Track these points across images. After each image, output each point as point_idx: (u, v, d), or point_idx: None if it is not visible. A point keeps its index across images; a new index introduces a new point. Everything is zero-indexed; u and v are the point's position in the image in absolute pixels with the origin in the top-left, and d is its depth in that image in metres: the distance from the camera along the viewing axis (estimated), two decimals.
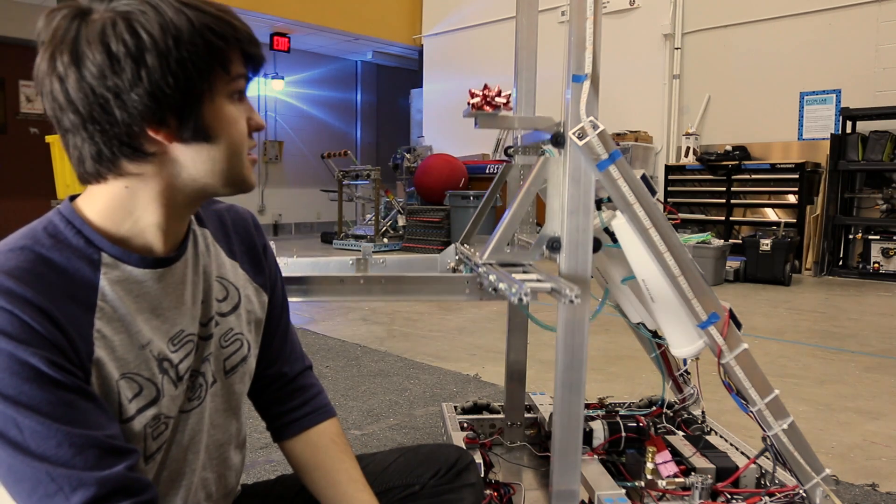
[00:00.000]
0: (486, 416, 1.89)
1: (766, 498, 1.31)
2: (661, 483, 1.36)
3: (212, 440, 0.91)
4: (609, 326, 3.85)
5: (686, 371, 1.77)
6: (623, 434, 1.57)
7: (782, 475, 1.38)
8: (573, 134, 1.15)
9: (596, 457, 1.51)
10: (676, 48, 7.78)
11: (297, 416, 1.04)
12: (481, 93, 1.29)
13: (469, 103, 1.30)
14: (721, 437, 1.65)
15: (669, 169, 7.61)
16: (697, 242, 5.79)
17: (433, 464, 1.07)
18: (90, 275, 0.76)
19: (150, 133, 0.74)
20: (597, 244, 1.22)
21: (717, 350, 1.22)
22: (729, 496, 1.36)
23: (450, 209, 8.03)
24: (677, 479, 1.36)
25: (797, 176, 6.66)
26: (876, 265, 6.32)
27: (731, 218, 7.18)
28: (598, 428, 1.58)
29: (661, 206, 1.22)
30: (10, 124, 8.55)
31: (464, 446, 1.48)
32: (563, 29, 7.54)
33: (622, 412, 1.78)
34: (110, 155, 0.75)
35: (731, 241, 6.61)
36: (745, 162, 7.05)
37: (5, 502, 0.76)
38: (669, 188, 7.54)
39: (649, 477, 1.40)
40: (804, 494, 1.27)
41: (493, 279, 1.19)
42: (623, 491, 1.33)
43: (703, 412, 1.75)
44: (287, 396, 1.05)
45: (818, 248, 6.58)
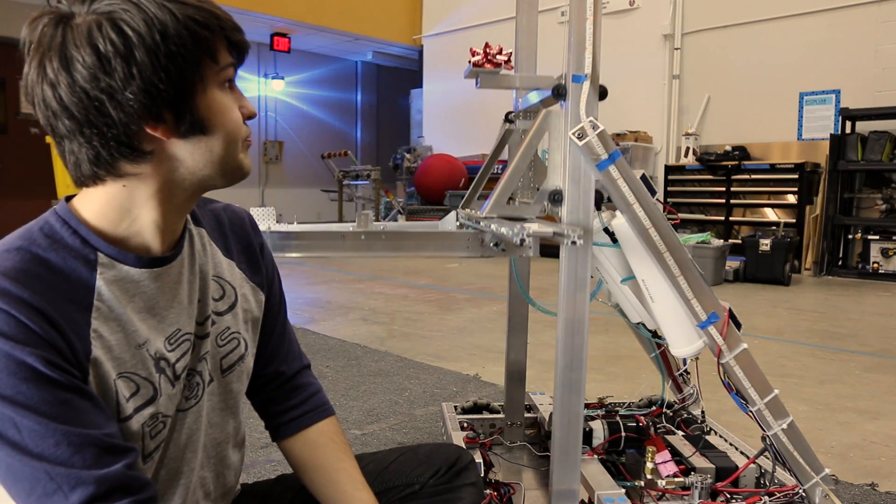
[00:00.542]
0: (486, 415, 1.89)
1: (766, 497, 1.31)
2: (661, 483, 1.36)
3: (209, 439, 0.92)
4: (609, 326, 3.85)
5: (686, 371, 1.77)
6: (623, 434, 1.57)
7: (782, 475, 1.38)
8: (573, 134, 1.15)
9: (596, 456, 1.52)
10: (676, 48, 7.78)
11: (295, 415, 1.04)
12: (482, 51, 1.28)
13: (470, 62, 1.29)
14: (721, 436, 1.65)
15: (669, 169, 7.61)
16: (697, 242, 5.79)
17: (433, 463, 1.07)
18: (86, 275, 0.76)
19: (148, 130, 0.74)
20: (598, 197, 1.22)
21: (717, 350, 1.22)
22: (728, 496, 1.36)
23: (450, 209, 8.00)
24: (677, 479, 1.36)
25: (797, 176, 6.66)
26: (875, 265, 6.33)
27: (730, 218, 7.18)
28: (598, 428, 1.58)
29: (660, 206, 1.22)
30: (11, 124, 8.55)
31: (464, 446, 1.48)
32: (563, 29, 7.52)
33: (622, 412, 1.78)
34: (108, 157, 0.75)
35: (730, 241, 6.61)
36: (745, 162, 7.05)
37: (5, 502, 0.76)
38: (669, 188, 7.54)
39: (649, 477, 1.41)
40: (804, 494, 1.27)
41: (494, 228, 1.20)
42: (623, 491, 1.33)
43: (702, 412, 1.75)
44: (285, 395, 1.05)
45: (818, 248, 6.59)
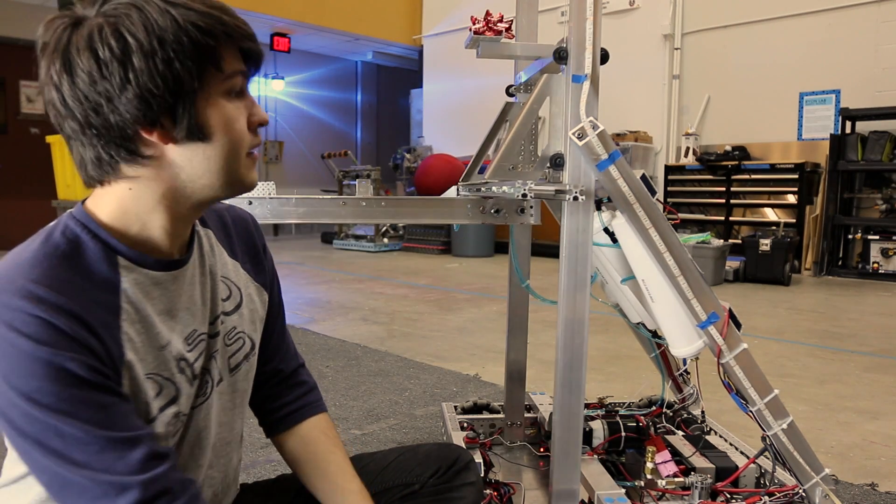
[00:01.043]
0: (486, 415, 1.89)
1: (766, 497, 1.31)
2: (661, 483, 1.36)
3: (218, 439, 0.92)
4: (609, 326, 3.85)
5: (686, 371, 1.77)
6: (623, 434, 1.57)
7: (782, 475, 1.38)
8: (573, 134, 1.15)
9: (596, 456, 1.52)
10: (676, 48, 7.78)
11: (290, 411, 1.05)
12: (483, 19, 1.27)
13: (470, 30, 1.28)
14: (721, 436, 1.65)
15: (669, 169, 7.61)
16: (697, 242, 5.79)
17: (433, 463, 1.07)
18: (112, 278, 0.76)
19: (144, 135, 0.75)
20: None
21: (717, 350, 1.22)
22: (728, 496, 1.36)
23: None
24: (677, 479, 1.36)
25: (797, 176, 6.66)
26: (875, 265, 6.32)
27: (730, 218, 7.18)
28: (598, 428, 1.58)
29: (660, 206, 1.22)
30: (11, 124, 8.54)
31: (464, 446, 1.48)
32: (563, 29, 7.52)
33: (622, 412, 1.78)
34: (109, 159, 0.76)
35: (730, 241, 6.61)
36: (745, 162, 7.05)
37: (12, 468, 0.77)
38: (669, 188, 7.54)
39: (649, 477, 1.41)
40: (804, 494, 1.27)
41: (494, 189, 1.20)
42: (623, 491, 1.33)
43: (702, 412, 1.75)
44: (282, 392, 1.06)
45: (818, 248, 6.59)
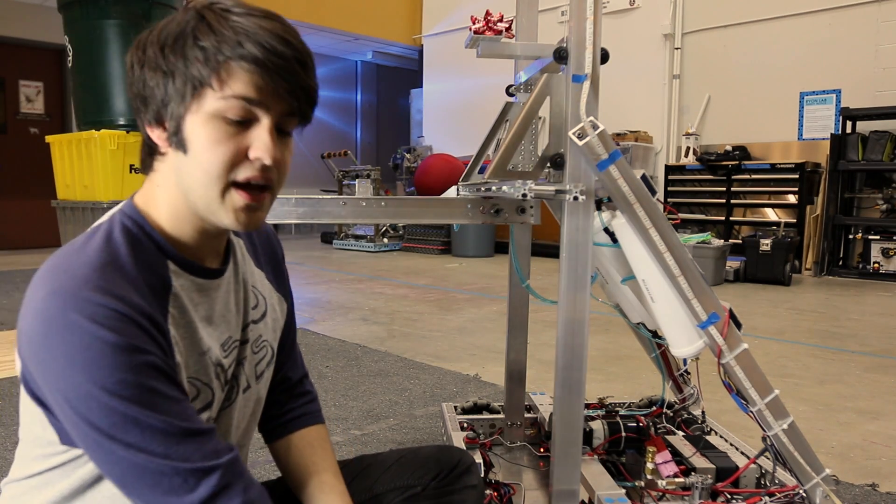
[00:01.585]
0: (486, 416, 1.89)
1: (766, 498, 1.31)
2: (661, 483, 1.36)
3: (235, 444, 0.92)
4: (609, 326, 3.85)
5: (686, 371, 1.77)
6: (623, 434, 1.57)
7: (782, 475, 1.38)
8: (573, 134, 1.15)
9: (596, 457, 1.51)
10: (676, 48, 7.78)
11: (289, 419, 1.06)
12: (483, 18, 1.27)
13: (470, 30, 1.29)
14: (721, 437, 1.65)
15: (669, 169, 7.61)
16: (697, 242, 5.79)
17: (434, 466, 1.07)
18: (163, 282, 0.77)
19: (147, 129, 0.78)
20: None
21: (717, 350, 1.22)
22: (729, 496, 1.36)
23: None
24: (677, 479, 1.36)
25: (797, 176, 6.66)
26: (876, 265, 6.32)
27: (731, 218, 7.17)
28: (598, 428, 1.57)
29: (661, 206, 1.22)
30: (10, 124, 8.54)
31: (464, 446, 1.47)
32: (563, 29, 7.52)
33: (622, 412, 1.78)
34: (146, 147, 0.81)
35: (731, 241, 6.61)
36: (745, 162, 7.05)
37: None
38: (669, 188, 7.53)
39: (649, 477, 1.40)
40: (804, 494, 1.26)
41: (494, 189, 1.20)
42: (623, 491, 1.33)
43: (703, 412, 1.75)
44: (286, 400, 1.07)
45: (818, 248, 6.58)
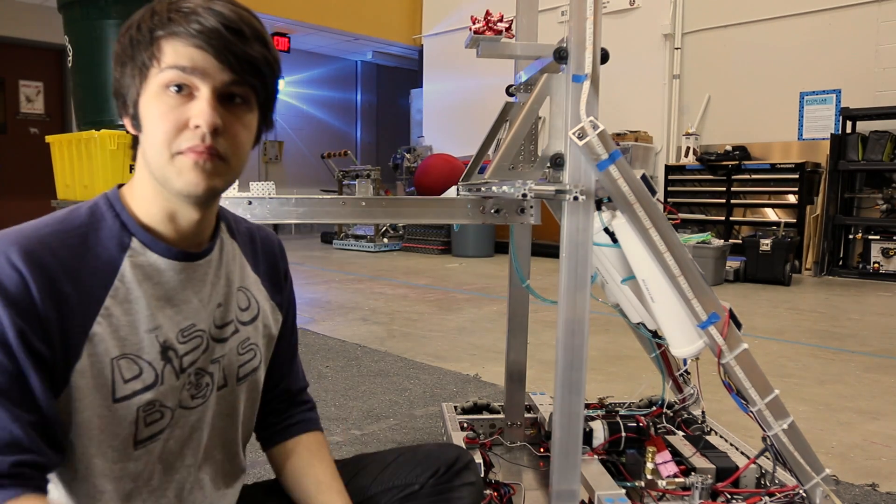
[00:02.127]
0: (486, 416, 1.89)
1: (766, 498, 1.31)
2: (661, 483, 1.36)
3: (210, 442, 0.93)
4: (609, 326, 3.85)
5: (686, 371, 1.77)
6: (623, 434, 1.57)
7: (782, 475, 1.38)
8: (573, 134, 1.15)
9: (596, 457, 1.51)
10: (676, 48, 7.78)
11: (287, 425, 1.08)
12: (483, 18, 1.27)
13: (470, 30, 1.29)
14: (721, 437, 1.65)
15: (669, 169, 7.60)
16: (697, 242, 5.79)
17: (433, 463, 1.07)
18: (116, 256, 0.81)
19: (125, 121, 0.82)
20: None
21: (717, 350, 1.22)
22: (729, 496, 1.36)
23: None
24: (677, 479, 1.36)
25: (797, 176, 6.66)
26: (876, 265, 6.32)
27: (731, 218, 7.17)
28: (598, 428, 1.57)
29: (661, 206, 1.22)
30: (10, 124, 8.54)
31: (464, 446, 1.47)
32: (563, 29, 7.52)
33: (622, 412, 1.78)
34: (132, 140, 0.84)
35: (731, 241, 6.61)
36: (745, 162, 7.04)
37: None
38: (669, 188, 7.53)
39: (649, 477, 1.40)
40: (804, 494, 1.26)
41: (494, 189, 1.21)
42: (623, 491, 1.33)
43: (703, 412, 1.75)
44: (286, 409, 1.09)
45: (818, 248, 6.58)
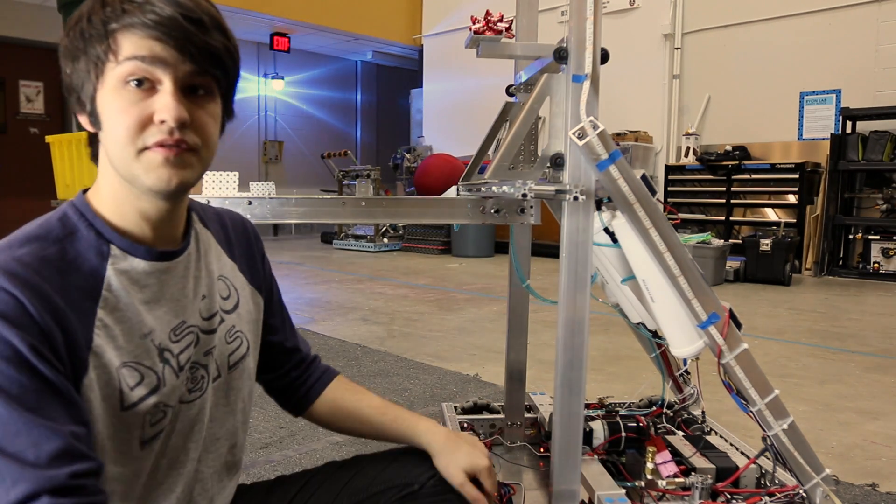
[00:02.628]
0: (486, 416, 1.89)
1: (766, 498, 1.31)
2: (661, 483, 1.35)
3: (209, 434, 0.93)
4: (609, 326, 3.85)
5: (686, 371, 1.77)
6: (623, 434, 1.56)
7: (782, 475, 1.37)
8: (573, 134, 1.15)
9: (596, 457, 1.51)
10: (676, 48, 7.78)
11: (312, 383, 1.14)
12: (483, 18, 1.27)
13: (470, 30, 1.29)
14: (721, 437, 1.64)
15: (669, 169, 7.61)
16: (697, 242, 5.79)
17: (432, 463, 1.06)
18: (98, 265, 0.79)
19: (79, 118, 0.80)
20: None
21: (717, 350, 1.22)
22: (729, 496, 1.36)
23: None
24: (677, 479, 1.36)
25: (797, 176, 6.66)
26: (876, 265, 6.32)
27: (731, 218, 7.17)
28: (598, 428, 1.57)
29: (661, 206, 1.22)
30: (10, 124, 8.54)
31: None
32: (563, 29, 7.51)
33: (622, 412, 1.77)
34: (88, 138, 0.82)
35: (731, 241, 6.61)
36: (745, 162, 7.05)
37: None
38: (669, 188, 7.54)
39: (649, 477, 1.40)
40: (804, 494, 1.26)
41: (494, 189, 1.21)
42: (623, 491, 1.33)
43: (703, 412, 1.75)
44: (303, 373, 1.14)
45: (818, 248, 6.58)
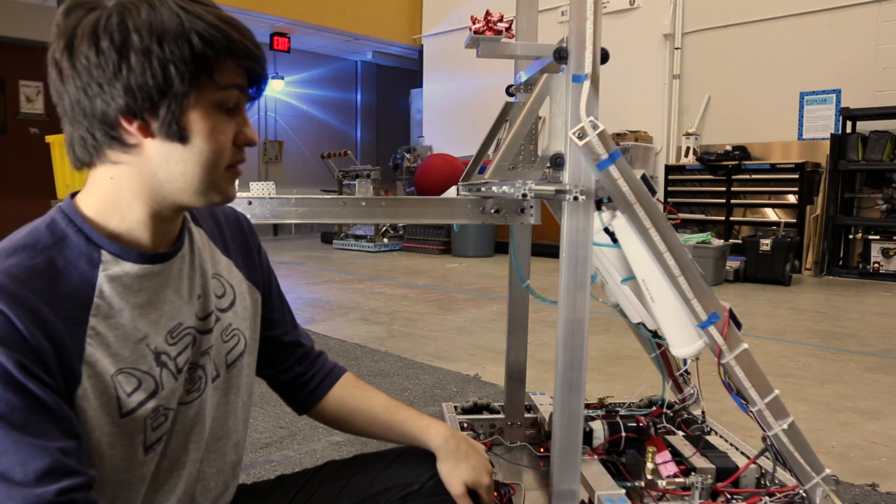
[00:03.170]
0: (486, 416, 1.89)
1: (766, 498, 1.31)
2: (661, 483, 1.35)
3: (211, 434, 0.93)
4: (609, 326, 3.85)
5: (686, 371, 1.77)
6: (623, 434, 1.57)
7: (782, 475, 1.37)
8: (573, 134, 1.15)
9: (596, 457, 1.51)
10: (676, 48, 7.78)
11: (320, 380, 1.12)
12: (483, 18, 1.27)
13: (470, 30, 1.29)
14: (721, 437, 1.64)
15: (669, 169, 7.61)
16: (697, 242, 5.79)
17: (433, 463, 1.06)
18: (89, 272, 0.78)
19: (125, 123, 0.76)
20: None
21: (717, 350, 1.22)
22: (729, 496, 1.36)
23: None
24: (677, 479, 1.36)
25: (797, 176, 6.66)
26: (876, 265, 6.32)
27: (731, 218, 7.18)
28: (598, 428, 1.57)
29: (661, 206, 1.22)
30: (10, 124, 8.55)
31: None
32: (563, 29, 7.51)
33: (622, 412, 1.77)
34: (92, 141, 0.78)
35: (731, 241, 6.61)
36: (745, 162, 7.05)
37: None
38: (669, 188, 7.54)
39: (649, 477, 1.40)
40: (804, 494, 1.26)
41: (494, 189, 1.21)
42: (623, 491, 1.33)
43: (703, 412, 1.75)
44: (309, 369, 1.13)
45: (818, 248, 6.58)
